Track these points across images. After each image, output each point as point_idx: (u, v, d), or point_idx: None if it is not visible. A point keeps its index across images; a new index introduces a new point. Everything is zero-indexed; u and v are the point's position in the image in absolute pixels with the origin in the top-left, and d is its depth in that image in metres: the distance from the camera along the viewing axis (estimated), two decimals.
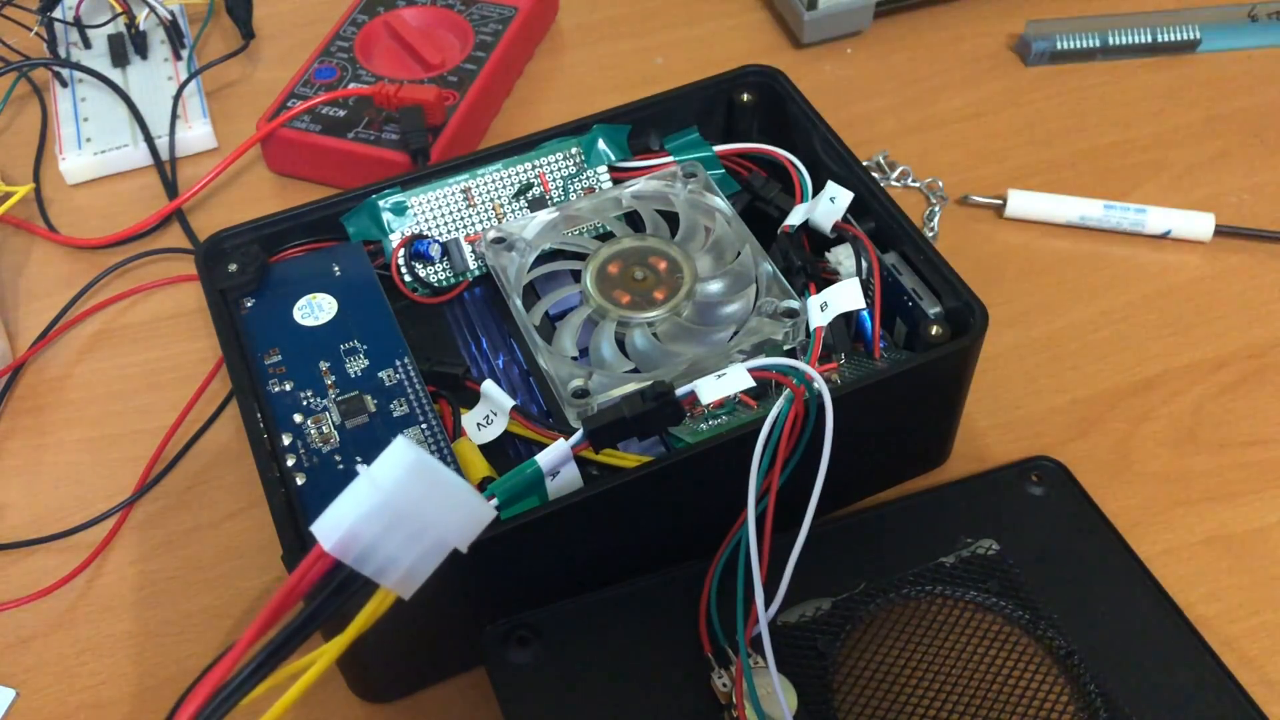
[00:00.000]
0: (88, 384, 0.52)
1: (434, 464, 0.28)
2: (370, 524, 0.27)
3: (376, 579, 0.28)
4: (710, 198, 0.48)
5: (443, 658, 0.42)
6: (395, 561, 0.28)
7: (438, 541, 0.28)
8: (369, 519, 0.27)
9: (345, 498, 0.28)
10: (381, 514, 0.27)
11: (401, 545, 0.28)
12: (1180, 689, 0.39)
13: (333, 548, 0.27)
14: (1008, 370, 0.51)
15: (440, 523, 0.28)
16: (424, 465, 0.28)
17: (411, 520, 0.28)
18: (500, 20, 0.64)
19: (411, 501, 0.27)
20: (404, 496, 0.27)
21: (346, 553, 0.27)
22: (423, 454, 0.28)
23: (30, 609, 0.45)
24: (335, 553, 0.27)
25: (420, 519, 0.28)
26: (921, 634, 0.40)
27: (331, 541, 0.27)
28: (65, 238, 0.58)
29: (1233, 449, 0.48)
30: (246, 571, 0.46)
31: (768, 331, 0.43)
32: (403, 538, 0.28)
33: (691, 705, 0.38)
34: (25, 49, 0.67)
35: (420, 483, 0.27)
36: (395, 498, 0.27)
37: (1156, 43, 0.65)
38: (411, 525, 0.28)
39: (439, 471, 0.28)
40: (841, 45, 0.67)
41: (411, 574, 0.28)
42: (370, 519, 0.27)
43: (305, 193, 0.59)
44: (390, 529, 0.27)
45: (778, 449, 0.37)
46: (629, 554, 0.41)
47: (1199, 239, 0.56)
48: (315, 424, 0.41)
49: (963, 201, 0.58)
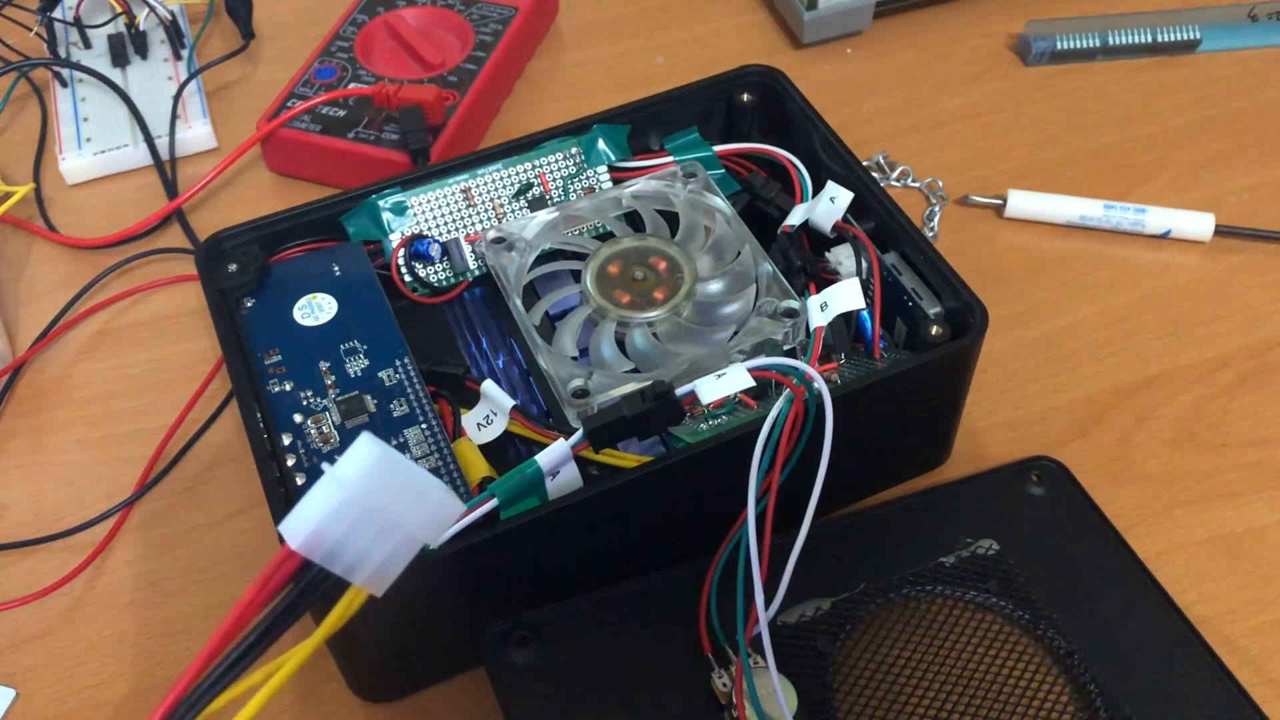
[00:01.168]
0: (88, 384, 0.52)
1: (399, 459, 0.27)
2: (336, 521, 0.27)
3: (347, 577, 0.28)
4: (710, 198, 0.48)
5: (443, 658, 0.42)
6: (365, 559, 0.27)
7: (407, 538, 0.28)
8: (335, 516, 0.27)
9: (311, 496, 0.27)
10: (347, 511, 0.27)
11: (370, 542, 0.27)
12: (1180, 689, 0.39)
13: (300, 545, 0.27)
14: (1008, 370, 0.51)
15: (409, 518, 0.28)
16: (388, 460, 0.27)
17: (378, 516, 0.27)
18: (500, 20, 0.64)
19: (377, 497, 0.27)
20: (369, 492, 0.27)
21: (314, 551, 0.27)
22: (387, 449, 0.27)
23: (30, 609, 0.45)
24: (303, 551, 0.27)
25: (387, 515, 0.27)
26: (921, 634, 0.40)
27: (298, 540, 0.27)
28: (65, 238, 0.58)
29: (1233, 449, 0.48)
30: (246, 571, 0.46)
31: (768, 331, 0.43)
32: (371, 534, 0.27)
33: (691, 705, 0.38)
34: (25, 49, 0.67)
35: (385, 478, 0.27)
36: (360, 494, 0.27)
37: (1156, 43, 0.65)
38: (379, 521, 0.27)
39: (404, 466, 0.28)
40: (841, 45, 0.67)
41: (382, 571, 0.28)
42: (336, 516, 0.27)
43: (305, 193, 0.59)
44: (357, 526, 0.27)
45: (778, 449, 0.37)
46: (629, 554, 0.41)
47: (1199, 239, 0.56)
48: (315, 424, 0.41)
49: (963, 201, 0.58)
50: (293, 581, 0.28)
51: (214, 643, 0.27)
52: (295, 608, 0.28)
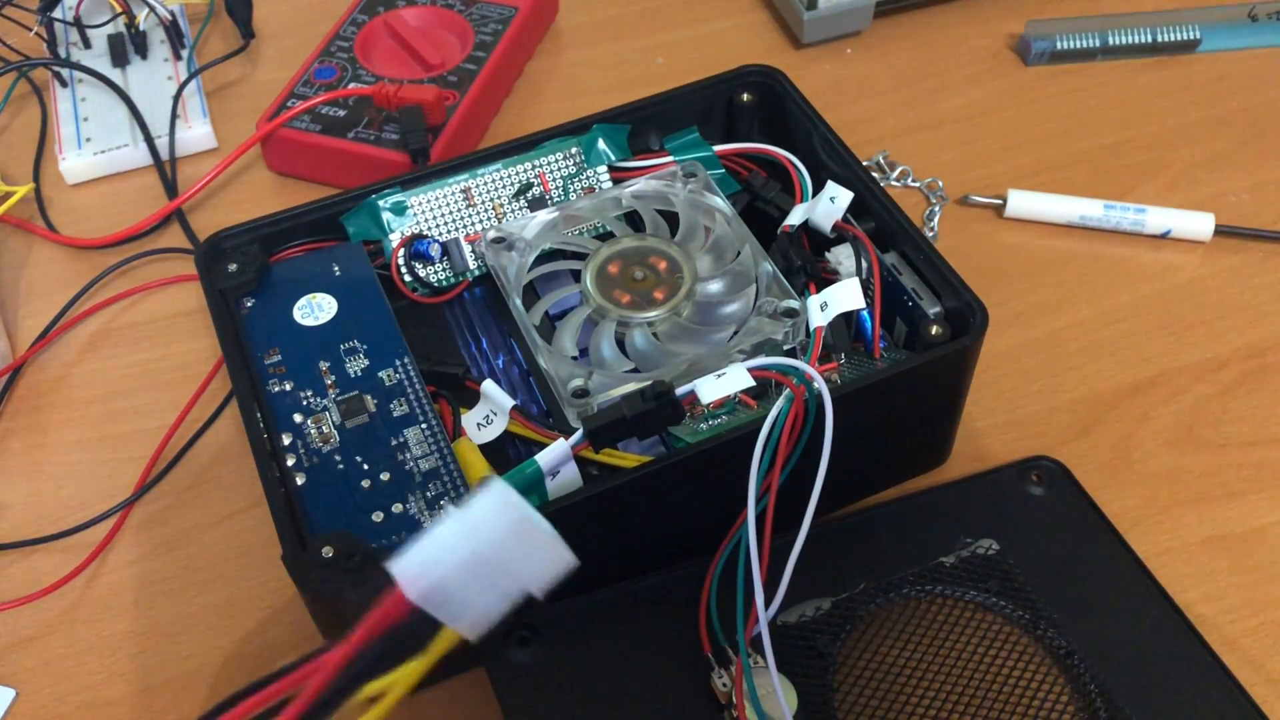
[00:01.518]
0: (88, 384, 0.52)
1: (532, 515, 0.26)
2: (460, 575, 0.26)
3: (449, 623, 0.27)
4: (710, 197, 0.48)
5: (442, 657, 0.42)
6: (473, 608, 0.27)
7: (517, 589, 0.27)
8: (460, 570, 0.26)
9: (435, 543, 0.26)
10: (473, 566, 0.26)
11: (482, 593, 0.26)
12: (1180, 689, 0.39)
13: (417, 596, 0.26)
14: (1008, 370, 0.51)
15: (524, 571, 0.27)
16: (525, 519, 0.26)
17: (495, 566, 0.26)
18: (500, 20, 0.64)
19: (504, 554, 0.26)
20: (499, 549, 0.26)
21: (428, 601, 0.26)
22: (524, 505, 0.26)
23: (30, 609, 0.45)
24: (418, 601, 0.26)
25: (504, 564, 0.26)
26: (921, 634, 0.40)
27: (417, 590, 0.26)
28: (65, 238, 0.58)
29: (1233, 449, 0.48)
30: (246, 571, 0.46)
31: (768, 331, 0.43)
32: (485, 584, 0.26)
33: (691, 705, 0.38)
34: (25, 49, 0.67)
35: (518, 535, 0.26)
36: (490, 551, 0.26)
37: (1156, 43, 0.65)
38: (495, 572, 0.26)
39: (535, 522, 0.26)
40: (841, 45, 0.67)
41: (485, 619, 0.27)
42: (461, 570, 0.26)
43: (305, 193, 0.59)
44: (477, 579, 0.26)
45: (778, 449, 0.37)
46: (629, 554, 0.41)
47: (1199, 239, 0.56)
48: (315, 424, 0.41)
49: (963, 201, 0.58)
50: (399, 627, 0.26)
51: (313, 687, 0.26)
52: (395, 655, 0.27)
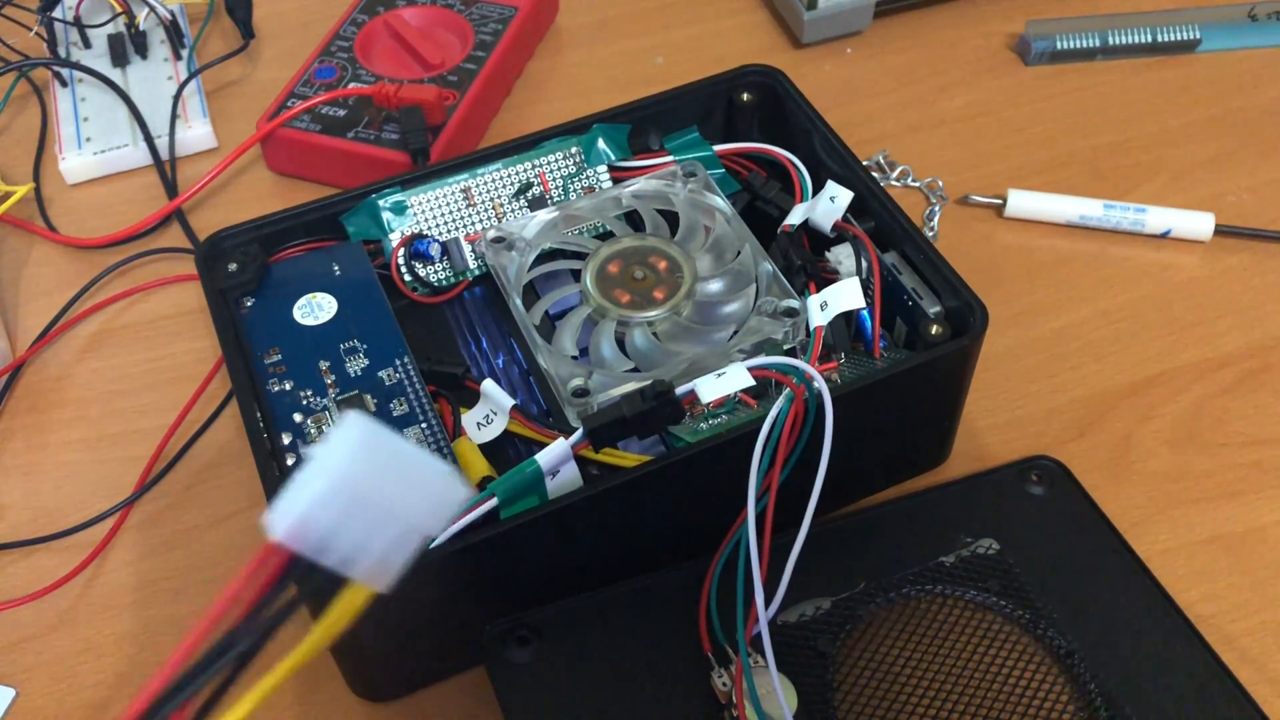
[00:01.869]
0: (88, 384, 0.52)
1: (390, 437, 0.25)
2: (324, 508, 0.24)
3: (342, 571, 0.25)
4: (710, 197, 0.48)
5: (443, 658, 0.42)
6: (362, 550, 0.25)
7: (407, 525, 0.25)
8: (322, 502, 0.24)
9: (295, 483, 0.24)
10: (336, 495, 0.24)
11: (366, 531, 0.25)
12: (1180, 688, 0.39)
13: (284, 535, 0.24)
14: (1008, 370, 0.51)
15: (407, 504, 0.25)
16: (378, 438, 0.25)
17: (373, 502, 0.25)
18: (500, 20, 0.64)
19: (369, 480, 0.25)
20: (360, 474, 0.24)
21: (301, 541, 0.24)
22: (378, 427, 0.25)
23: (30, 609, 0.45)
24: (288, 540, 0.24)
25: (383, 500, 0.25)
26: (921, 634, 0.40)
27: (282, 529, 0.24)
28: (65, 237, 0.58)
29: (1233, 449, 0.48)
30: None
31: (768, 331, 0.43)
32: (366, 522, 0.25)
33: (691, 705, 0.38)
34: (25, 49, 0.67)
35: (377, 458, 0.25)
36: (350, 476, 0.24)
37: (1156, 43, 0.65)
38: (373, 507, 0.25)
39: (397, 445, 0.25)
40: (841, 45, 0.67)
41: (384, 563, 0.25)
42: (324, 502, 0.24)
43: (305, 192, 0.59)
44: (349, 513, 0.24)
45: (778, 448, 0.37)
46: (629, 554, 0.41)
47: (1199, 239, 0.56)
48: (315, 423, 0.41)
49: (963, 201, 0.58)
50: (280, 578, 0.25)
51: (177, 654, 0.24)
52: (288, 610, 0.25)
